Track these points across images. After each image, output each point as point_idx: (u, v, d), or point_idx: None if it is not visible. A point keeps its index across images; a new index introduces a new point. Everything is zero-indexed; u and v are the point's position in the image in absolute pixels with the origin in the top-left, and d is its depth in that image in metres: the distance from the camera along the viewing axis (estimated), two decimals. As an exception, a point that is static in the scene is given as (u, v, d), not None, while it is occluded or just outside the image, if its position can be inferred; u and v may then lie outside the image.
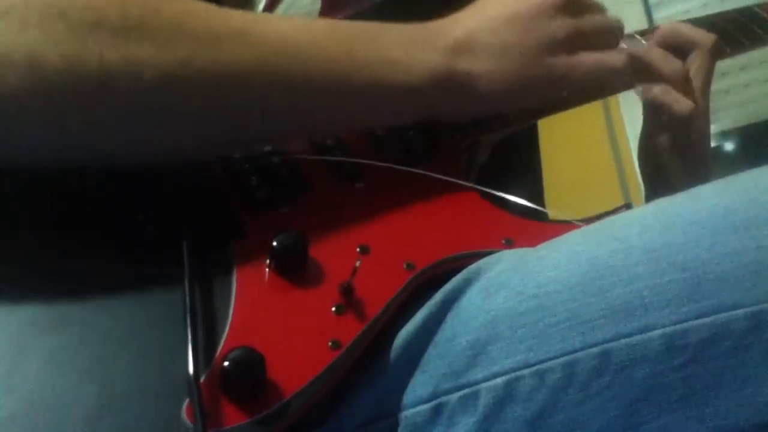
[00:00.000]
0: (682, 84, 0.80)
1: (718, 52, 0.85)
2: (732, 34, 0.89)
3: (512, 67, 0.70)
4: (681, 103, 0.80)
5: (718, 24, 0.89)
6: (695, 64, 0.83)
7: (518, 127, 0.80)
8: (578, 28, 0.73)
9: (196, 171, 0.65)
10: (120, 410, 0.52)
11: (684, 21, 0.90)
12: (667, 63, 0.81)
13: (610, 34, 0.77)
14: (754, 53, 0.91)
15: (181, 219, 0.60)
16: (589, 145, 1.71)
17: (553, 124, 0.94)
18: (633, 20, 2.06)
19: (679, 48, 0.83)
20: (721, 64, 0.90)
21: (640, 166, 0.87)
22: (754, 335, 0.52)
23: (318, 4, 0.84)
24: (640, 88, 0.81)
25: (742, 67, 1.84)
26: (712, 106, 0.86)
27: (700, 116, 0.81)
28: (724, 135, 1.83)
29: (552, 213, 0.72)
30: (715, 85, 0.84)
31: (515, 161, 0.93)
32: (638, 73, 0.81)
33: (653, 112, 0.82)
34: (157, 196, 0.62)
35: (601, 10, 0.77)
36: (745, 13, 0.91)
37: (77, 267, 0.57)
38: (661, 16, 2.07)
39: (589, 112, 0.88)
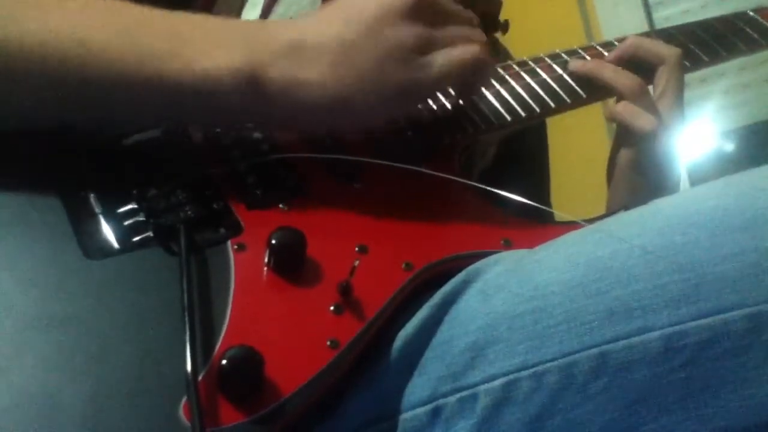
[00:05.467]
0: (642, 99, 0.79)
1: (684, 66, 0.83)
2: (729, 38, 0.88)
3: (349, 75, 0.63)
4: (642, 120, 0.78)
5: (715, 27, 0.89)
6: (663, 79, 0.81)
7: (516, 128, 0.80)
8: (430, 36, 0.66)
9: (195, 170, 0.65)
10: (117, 408, 0.52)
11: (682, 24, 0.90)
12: (621, 78, 0.79)
13: (466, 41, 0.69)
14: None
15: (179, 217, 0.60)
16: (590, 147, 1.71)
17: (553, 126, 0.94)
18: (633, 20, 2.06)
19: (642, 63, 0.82)
20: (720, 66, 0.90)
21: (607, 180, 0.86)
22: (753, 336, 0.52)
23: (318, 4, 0.84)
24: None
25: (741, 68, 1.84)
26: (712, 106, 0.85)
27: (667, 133, 0.79)
28: (724, 135, 1.83)
29: (557, 214, 0.72)
30: (714, 86, 0.83)
31: (523, 162, 0.93)
32: (594, 91, 0.80)
33: (619, 128, 0.81)
34: (155, 195, 0.62)
35: (460, 15, 0.70)
36: (741, 17, 0.91)
37: (74, 265, 0.57)
38: (661, 16, 2.07)
39: (590, 114, 0.87)
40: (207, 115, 0.65)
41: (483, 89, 0.76)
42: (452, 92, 0.75)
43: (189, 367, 0.52)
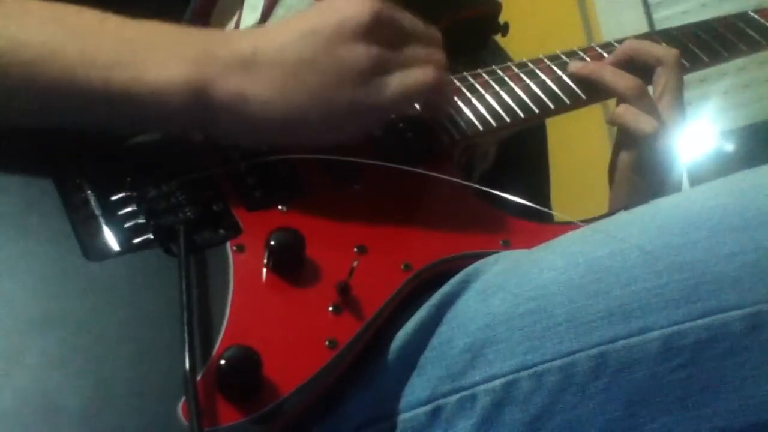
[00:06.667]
0: (642, 101, 0.78)
1: (684, 66, 0.83)
2: (729, 38, 0.88)
3: (298, 93, 0.61)
4: (643, 122, 0.78)
5: (715, 28, 0.89)
6: (661, 80, 0.81)
7: (516, 129, 0.80)
8: (386, 57, 0.64)
9: (195, 171, 0.65)
10: (116, 407, 0.52)
11: (683, 25, 0.90)
12: (621, 80, 0.79)
13: (424, 63, 0.67)
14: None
15: (179, 218, 0.60)
16: (590, 147, 1.71)
17: (553, 127, 0.94)
18: (633, 20, 2.06)
19: (641, 65, 0.82)
20: (721, 66, 0.90)
21: (609, 182, 0.85)
22: (752, 336, 0.52)
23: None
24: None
25: (741, 68, 1.84)
26: (712, 106, 0.85)
27: (667, 134, 0.79)
28: (724, 135, 1.83)
29: (556, 214, 0.72)
30: (715, 86, 0.83)
31: (524, 163, 0.93)
32: (593, 92, 0.80)
33: (620, 131, 0.81)
34: (155, 196, 0.62)
35: (421, 34, 0.67)
36: (741, 18, 0.91)
37: (74, 266, 0.57)
38: (661, 16, 2.07)
39: (590, 114, 0.88)
40: (153, 124, 0.64)
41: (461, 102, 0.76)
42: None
43: (187, 367, 0.52)
